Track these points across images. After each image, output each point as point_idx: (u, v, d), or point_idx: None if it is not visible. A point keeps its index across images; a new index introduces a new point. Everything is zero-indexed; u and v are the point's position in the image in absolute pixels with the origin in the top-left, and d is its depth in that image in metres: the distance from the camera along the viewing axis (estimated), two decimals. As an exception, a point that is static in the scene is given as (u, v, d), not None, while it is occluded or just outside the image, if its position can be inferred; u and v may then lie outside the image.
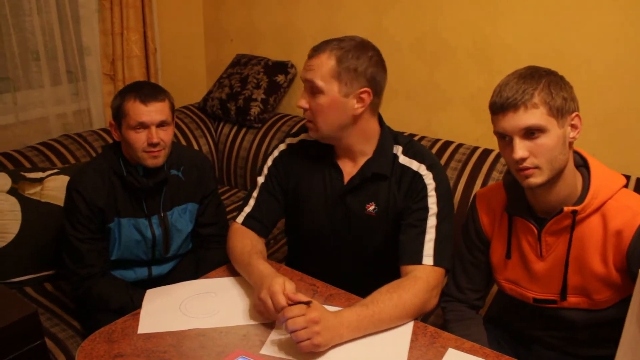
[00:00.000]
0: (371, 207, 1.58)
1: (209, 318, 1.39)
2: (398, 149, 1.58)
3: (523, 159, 1.26)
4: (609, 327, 1.33)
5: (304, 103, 1.50)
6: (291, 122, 2.80)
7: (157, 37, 2.96)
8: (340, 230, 1.63)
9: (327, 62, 1.46)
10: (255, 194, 1.70)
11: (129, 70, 2.83)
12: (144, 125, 1.70)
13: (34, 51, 2.57)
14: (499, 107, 1.27)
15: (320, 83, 1.46)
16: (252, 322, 1.38)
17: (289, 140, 1.71)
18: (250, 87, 2.87)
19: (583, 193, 1.33)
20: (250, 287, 1.50)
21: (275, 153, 1.71)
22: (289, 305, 1.27)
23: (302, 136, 1.70)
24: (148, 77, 2.92)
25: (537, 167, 1.26)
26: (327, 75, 1.46)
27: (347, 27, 2.68)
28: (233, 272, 1.60)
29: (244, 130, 2.91)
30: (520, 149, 1.25)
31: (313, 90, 1.48)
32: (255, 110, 2.82)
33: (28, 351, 1.62)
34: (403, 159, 1.57)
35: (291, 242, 1.86)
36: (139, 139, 1.70)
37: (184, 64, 3.25)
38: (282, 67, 2.89)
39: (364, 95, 1.49)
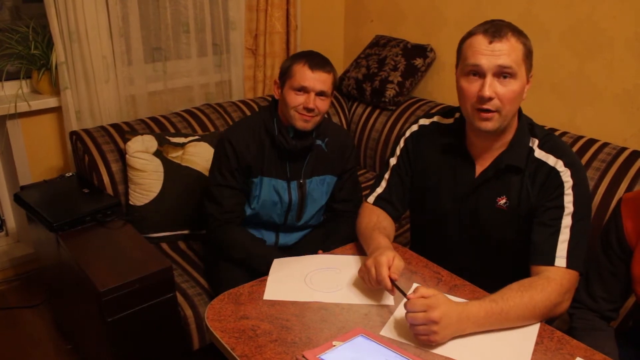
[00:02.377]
0: (502, 201, 1.51)
1: (333, 293, 1.40)
2: (534, 142, 1.50)
3: None
4: None
5: (490, 91, 1.38)
6: (426, 107, 2.74)
7: (299, 14, 3.01)
8: (468, 223, 1.58)
9: (517, 46, 1.39)
10: (387, 175, 1.70)
11: (270, 46, 2.92)
12: (305, 90, 1.78)
13: (185, 24, 2.72)
14: None
15: (515, 67, 1.38)
16: (375, 303, 1.37)
17: (421, 122, 1.67)
18: (387, 69, 2.84)
19: None
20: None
21: (407, 134, 1.68)
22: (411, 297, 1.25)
23: (435, 118, 1.65)
24: (288, 53, 2.99)
25: None
26: (520, 60, 1.39)
27: (494, 13, 2.56)
28: (359, 251, 1.61)
29: (377, 111, 2.90)
30: None
31: (503, 76, 1.39)
32: (390, 92, 2.79)
33: (161, 302, 1.75)
34: (539, 153, 1.48)
35: (415, 227, 1.82)
36: (296, 100, 1.79)
37: (323, 42, 3.27)
38: (421, 50, 2.83)
39: (531, 79, 1.44)
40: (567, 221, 1.42)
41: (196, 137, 2.32)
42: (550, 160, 1.46)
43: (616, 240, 1.41)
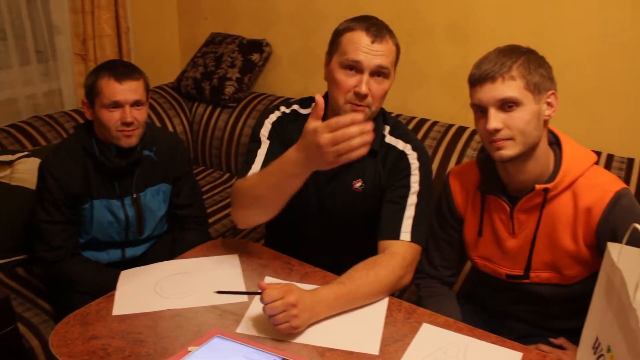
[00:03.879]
0: (358, 184, 1.60)
1: (185, 298, 1.38)
2: (386, 129, 1.61)
3: (497, 130, 1.27)
4: (579, 301, 1.35)
5: (366, 89, 1.44)
6: (266, 101, 2.78)
7: (130, 15, 2.90)
8: (327, 207, 1.64)
9: (392, 48, 1.48)
10: (261, 151, 1.60)
11: (101, 50, 2.77)
12: (118, 105, 1.68)
13: (1, 30, 2.50)
14: (477, 79, 1.29)
15: (390, 68, 1.46)
16: (228, 302, 1.37)
17: (282, 109, 1.67)
18: (224, 66, 2.84)
19: (555, 171, 1.35)
20: (224, 267, 1.51)
21: (274, 117, 1.65)
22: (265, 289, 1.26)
23: (294, 107, 1.68)
24: (120, 57, 2.86)
25: (510, 139, 1.28)
26: (394, 61, 1.49)
27: (324, 5, 2.65)
28: (208, 253, 1.60)
29: (218, 109, 2.88)
30: (495, 120, 1.27)
31: (378, 75, 1.46)
32: (229, 89, 2.79)
33: (1, 337, 1.60)
34: (389, 139, 1.59)
35: (272, 220, 1.84)
36: (112, 117, 1.68)
37: (158, 44, 3.19)
38: (257, 45, 2.86)
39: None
40: (412, 199, 1.53)
41: (25, 153, 2.16)
42: (400, 144, 1.58)
43: (448, 211, 1.54)
